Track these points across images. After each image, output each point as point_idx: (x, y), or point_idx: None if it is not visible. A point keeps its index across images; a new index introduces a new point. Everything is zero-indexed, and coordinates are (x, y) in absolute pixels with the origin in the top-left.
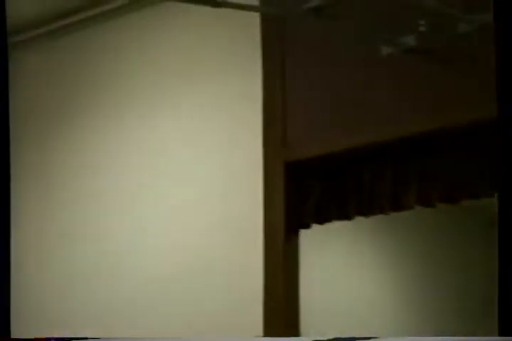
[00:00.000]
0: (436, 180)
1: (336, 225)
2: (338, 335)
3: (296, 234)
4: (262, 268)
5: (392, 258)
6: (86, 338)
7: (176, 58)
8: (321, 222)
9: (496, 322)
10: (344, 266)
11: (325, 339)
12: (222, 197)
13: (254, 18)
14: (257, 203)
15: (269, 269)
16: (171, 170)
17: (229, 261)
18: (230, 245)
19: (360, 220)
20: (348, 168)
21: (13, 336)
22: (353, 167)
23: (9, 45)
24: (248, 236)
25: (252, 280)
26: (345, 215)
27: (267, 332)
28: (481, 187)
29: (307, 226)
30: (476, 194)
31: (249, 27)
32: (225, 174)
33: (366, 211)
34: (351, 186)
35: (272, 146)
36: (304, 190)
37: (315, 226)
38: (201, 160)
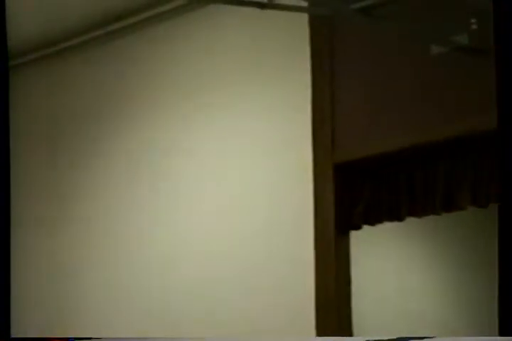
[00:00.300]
0: (490, 180)
1: (387, 226)
2: (391, 335)
3: (346, 235)
4: (313, 269)
5: (443, 258)
6: (90, 338)
7: (224, 60)
8: (372, 223)
9: None
10: (394, 267)
11: (377, 339)
12: (272, 199)
13: (303, 19)
14: (307, 205)
15: (321, 270)
16: (220, 172)
17: (280, 263)
18: (281, 247)
19: (410, 221)
20: (399, 169)
21: (13, 336)
22: (404, 167)
23: (11, 67)
24: (298, 238)
25: (304, 281)
26: (397, 216)
27: (320, 331)
28: None
29: (358, 227)
30: None
31: (298, 27)
32: (276, 176)
33: (418, 212)
34: (402, 187)
35: (321, 148)
36: (354, 191)
37: (366, 227)
38: (251, 163)
